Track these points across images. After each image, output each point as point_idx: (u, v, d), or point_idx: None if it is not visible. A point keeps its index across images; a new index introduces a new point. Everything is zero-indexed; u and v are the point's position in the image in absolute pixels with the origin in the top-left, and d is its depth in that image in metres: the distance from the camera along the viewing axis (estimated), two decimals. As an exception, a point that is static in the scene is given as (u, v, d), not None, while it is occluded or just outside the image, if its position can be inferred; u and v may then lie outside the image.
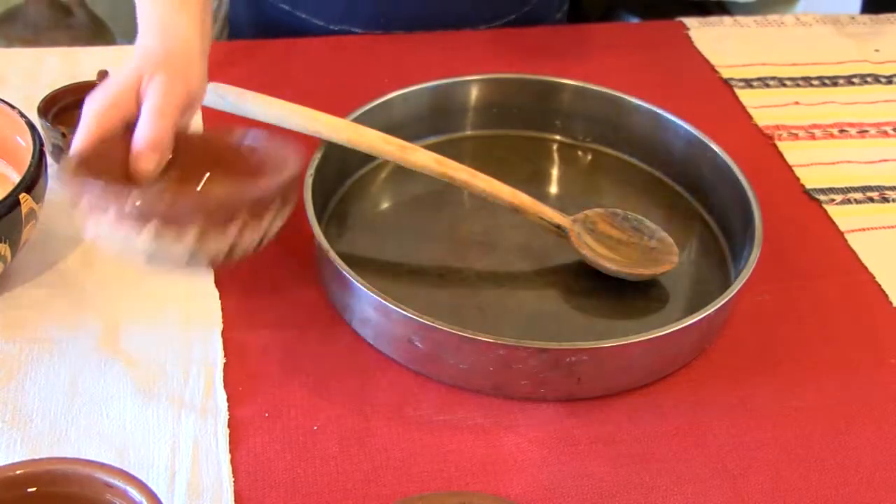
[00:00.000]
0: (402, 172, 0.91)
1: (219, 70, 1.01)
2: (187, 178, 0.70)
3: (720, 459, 0.70)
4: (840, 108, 1.04)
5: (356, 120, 0.86)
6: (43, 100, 0.86)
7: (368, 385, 0.73)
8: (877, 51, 1.13)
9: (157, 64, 0.67)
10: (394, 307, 0.70)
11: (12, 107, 0.79)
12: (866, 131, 1.01)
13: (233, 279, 0.80)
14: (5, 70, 1.01)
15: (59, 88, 0.88)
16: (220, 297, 0.78)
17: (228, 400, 0.71)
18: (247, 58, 1.05)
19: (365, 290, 0.71)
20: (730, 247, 0.85)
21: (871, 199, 0.92)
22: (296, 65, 1.04)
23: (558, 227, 0.82)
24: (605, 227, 0.83)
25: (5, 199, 0.71)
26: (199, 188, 0.71)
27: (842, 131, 1.01)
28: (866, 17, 1.19)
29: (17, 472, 0.56)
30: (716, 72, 1.08)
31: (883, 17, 1.19)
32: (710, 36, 1.14)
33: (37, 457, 0.66)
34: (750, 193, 0.82)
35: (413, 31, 1.09)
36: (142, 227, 0.60)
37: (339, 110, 0.86)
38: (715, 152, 0.87)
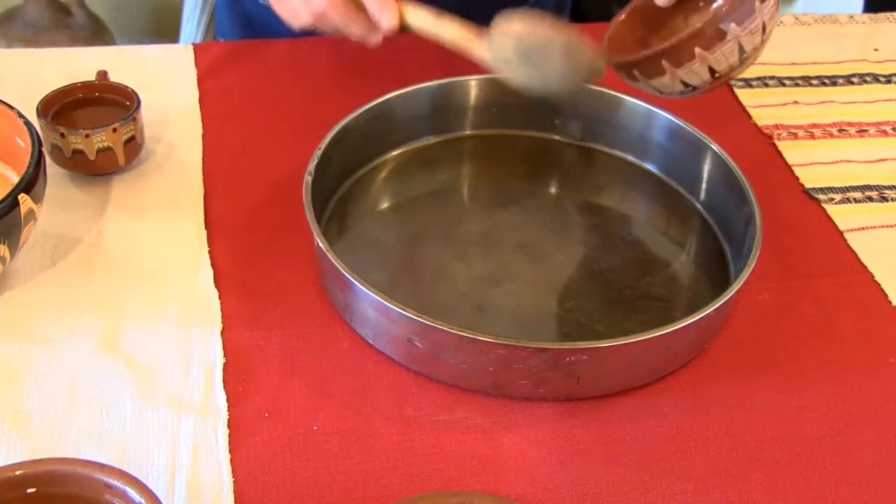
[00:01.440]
0: (402, 173, 0.92)
1: (218, 69, 1.02)
2: None
3: (720, 459, 0.69)
4: (839, 108, 1.04)
5: (355, 120, 0.86)
6: (42, 100, 0.86)
7: (368, 385, 0.73)
8: (876, 50, 1.13)
9: None
10: (393, 307, 0.70)
11: (11, 107, 0.79)
12: (865, 131, 1.01)
13: (232, 279, 0.80)
14: (4, 70, 1.01)
15: (58, 89, 0.88)
16: (220, 297, 0.78)
17: (228, 400, 0.71)
18: (247, 58, 1.05)
19: (364, 289, 0.71)
20: (730, 246, 0.85)
21: (870, 199, 0.92)
22: (296, 65, 1.04)
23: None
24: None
25: (4, 199, 0.71)
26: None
27: (841, 131, 1.01)
28: (865, 17, 1.19)
29: (17, 472, 0.56)
30: (715, 71, 1.08)
31: (882, 16, 1.19)
32: (709, 35, 1.14)
33: (36, 457, 0.66)
34: (749, 193, 0.82)
35: None
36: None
37: (340, 110, 0.87)
38: (715, 152, 0.87)
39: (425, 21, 0.81)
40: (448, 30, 0.81)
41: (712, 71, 0.78)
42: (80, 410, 0.70)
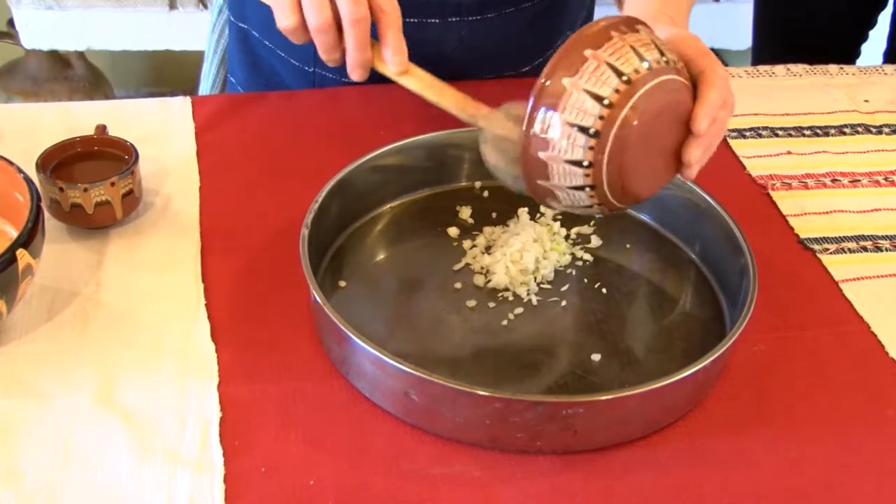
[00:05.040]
0: (398, 225, 0.92)
1: (216, 122, 1.03)
2: None
3: (718, 512, 0.69)
4: (832, 158, 1.04)
5: (351, 173, 0.87)
6: (41, 155, 0.87)
7: (365, 438, 0.73)
8: (866, 101, 1.14)
9: None
10: (390, 361, 0.70)
11: (10, 163, 0.79)
12: (858, 181, 1.02)
13: (229, 332, 0.80)
14: (5, 125, 1.01)
15: (57, 143, 0.89)
16: (216, 351, 0.78)
17: (224, 455, 0.71)
18: (244, 110, 1.06)
19: (361, 343, 0.71)
20: (725, 297, 0.85)
21: (865, 249, 0.93)
22: (293, 117, 1.05)
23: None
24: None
25: (2, 254, 0.71)
26: None
27: (834, 181, 1.01)
28: (854, 68, 1.20)
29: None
30: (708, 122, 1.09)
31: (870, 68, 1.21)
32: (702, 87, 1.15)
33: (30, 515, 0.66)
34: (744, 244, 0.82)
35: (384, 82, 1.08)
36: None
37: (337, 162, 0.87)
38: (709, 202, 0.87)
39: (424, 79, 0.80)
40: (447, 94, 0.79)
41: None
42: (75, 467, 0.69)
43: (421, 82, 0.80)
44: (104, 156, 0.90)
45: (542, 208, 0.93)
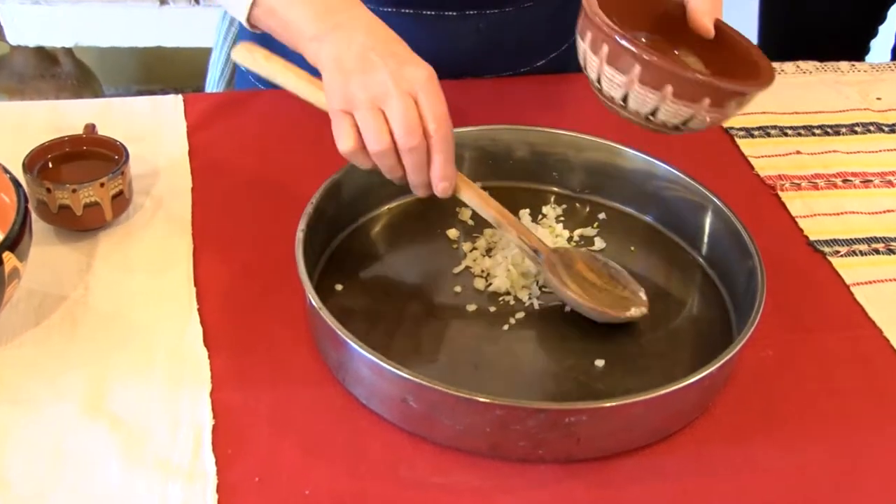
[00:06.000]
0: (395, 226, 0.90)
1: (208, 121, 1.02)
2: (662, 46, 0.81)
3: (726, 523, 0.68)
4: (843, 158, 1.03)
5: (348, 173, 0.85)
6: (28, 155, 0.85)
7: (362, 446, 0.71)
8: (878, 99, 1.12)
9: None
10: (387, 366, 0.69)
11: (-3, 163, 0.78)
12: (870, 181, 1.00)
13: (222, 337, 0.78)
14: (-8, 124, 1.00)
15: (44, 143, 0.87)
16: (209, 356, 0.77)
17: (217, 463, 0.69)
18: (237, 109, 1.04)
19: (358, 348, 0.70)
20: (732, 300, 0.84)
21: (877, 251, 0.91)
22: (287, 116, 1.03)
23: (535, 251, 0.81)
24: (583, 267, 0.82)
25: (-13, 257, 0.70)
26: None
27: (845, 181, 1.00)
28: (866, 65, 1.18)
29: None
30: (715, 121, 1.07)
31: (883, 64, 1.19)
32: (708, 85, 1.13)
33: (15, 526, 0.64)
34: (752, 246, 0.80)
35: None
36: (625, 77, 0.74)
37: (332, 162, 0.85)
38: (716, 204, 0.85)
39: (472, 201, 0.82)
40: (489, 208, 0.82)
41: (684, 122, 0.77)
42: (64, 475, 0.68)
43: (468, 199, 0.82)
44: (93, 156, 0.88)
45: (544, 210, 0.92)
